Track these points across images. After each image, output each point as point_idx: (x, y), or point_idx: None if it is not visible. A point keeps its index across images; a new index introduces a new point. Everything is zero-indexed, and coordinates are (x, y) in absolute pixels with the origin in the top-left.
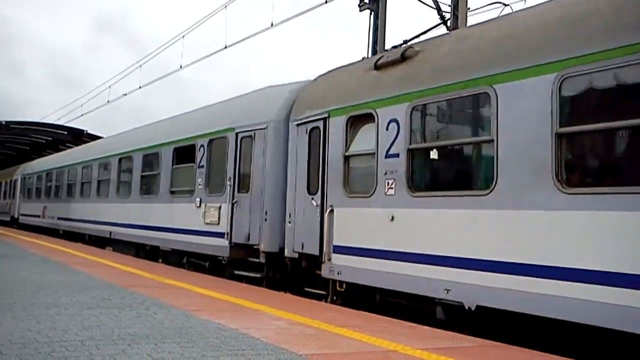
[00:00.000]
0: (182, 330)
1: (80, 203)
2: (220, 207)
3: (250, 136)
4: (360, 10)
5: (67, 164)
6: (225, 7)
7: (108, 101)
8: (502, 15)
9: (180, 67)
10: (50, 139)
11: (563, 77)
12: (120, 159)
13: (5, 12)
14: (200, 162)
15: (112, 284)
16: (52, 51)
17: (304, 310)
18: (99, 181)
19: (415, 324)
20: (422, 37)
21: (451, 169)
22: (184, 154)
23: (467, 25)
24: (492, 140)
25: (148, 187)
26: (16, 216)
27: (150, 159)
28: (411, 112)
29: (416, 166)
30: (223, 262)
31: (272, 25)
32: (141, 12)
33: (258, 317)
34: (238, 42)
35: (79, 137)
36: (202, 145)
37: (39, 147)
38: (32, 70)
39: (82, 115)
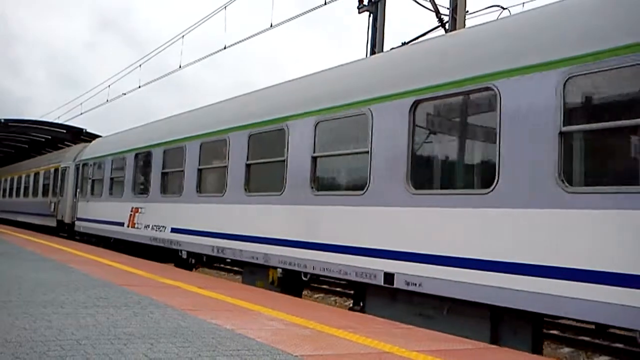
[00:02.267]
0: (178, 329)
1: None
2: None
3: None
4: (359, 12)
5: (178, 137)
6: (225, 7)
7: (107, 100)
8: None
9: (180, 67)
10: (49, 137)
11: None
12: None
13: (6, 11)
14: None
15: (109, 283)
16: (52, 49)
17: (300, 310)
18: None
19: (410, 326)
20: (421, 40)
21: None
22: None
23: (465, 27)
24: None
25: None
26: (69, 221)
27: None
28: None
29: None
30: None
31: (271, 26)
32: (141, 10)
33: (254, 317)
34: (238, 43)
35: (77, 135)
36: None
37: (37, 146)
38: (32, 69)
39: (81, 113)
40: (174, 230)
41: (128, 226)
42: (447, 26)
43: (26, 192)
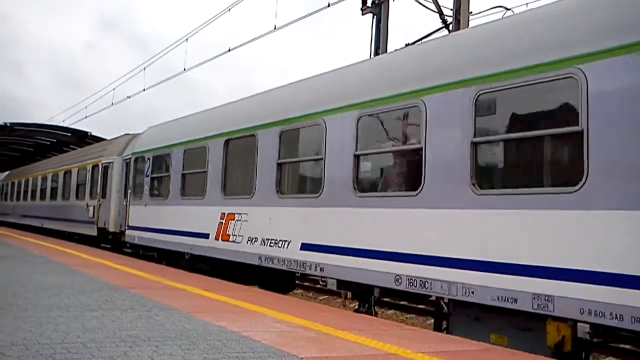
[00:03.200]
0: (184, 332)
1: None
2: None
3: None
4: (363, 14)
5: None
6: (229, 10)
7: (112, 103)
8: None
9: (184, 69)
10: (55, 140)
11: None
12: None
13: (9, 13)
14: None
15: (114, 286)
16: (56, 52)
17: (305, 312)
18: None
19: (415, 327)
20: (424, 41)
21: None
22: None
23: (470, 28)
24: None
25: None
26: (114, 229)
27: None
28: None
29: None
30: None
31: (275, 28)
32: (144, 11)
33: (259, 319)
34: (242, 45)
35: (82, 139)
36: None
37: (43, 149)
38: (36, 72)
39: (86, 117)
40: (307, 247)
41: (216, 238)
42: (450, 27)
43: (53, 194)
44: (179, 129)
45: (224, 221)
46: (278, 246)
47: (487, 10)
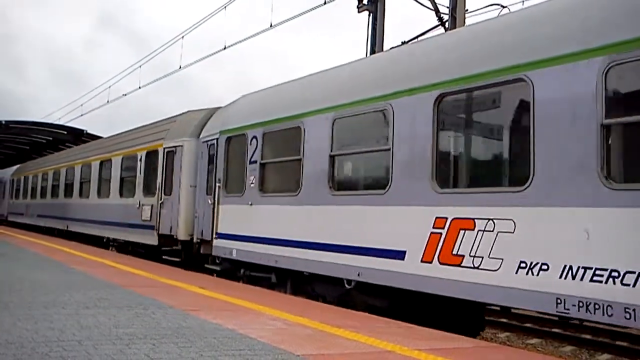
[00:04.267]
0: (180, 330)
1: None
2: None
3: None
4: (359, 12)
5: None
6: (225, 7)
7: (108, 101)
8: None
9: (180, 67)
10: (51, 138)
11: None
12: None
13: (7, 10)
14: None
15: (111, 284)
16: (53, 49)
17: (301, 310)
18: None
19: (412, 325)
20: (421, 39)
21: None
22: None
23: (465, 25)
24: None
25: None
26: (185, 237)
27: None
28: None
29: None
30: None
31: (271, 25)
32: (142, 8)
33: (256, 317)
34: (237, 43)
35: (78, 137)
36: None
37: (39, 147)
38: (33, 68)
39: (82, 115)
40: None
41: (425, 260)
42: (447, 25)
43: (84, 190)
44: (322, 87)
45: (444, 232)
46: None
47: (483, 7)
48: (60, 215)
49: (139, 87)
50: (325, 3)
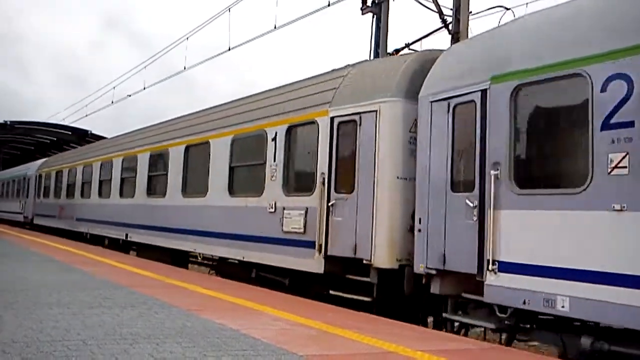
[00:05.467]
0: (184, 330)
1: None
2: None
3: None
4: (363, 14)
5: None
6: (229, 9)
7: (112, 102)
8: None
9: (185, 68)
10: (55, 139)
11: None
12: None
13: (14, 11)
14: None
15: (114, 283)
16: (58, 50)
17: (304, 311)
18: None
19: (414, 325)
20: (424, 41)
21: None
22: None
23: (468, 28)
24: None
25: None
26: (391, 263)
27: None
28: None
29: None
30: None
31: (275, 27)
32: (149, 11)
33: (259, 317)
34: (242, 44)
35: (83, 137)
36: None
37: (43, 147)
38: (39, 69)
39: (86, 115)
40: None
41: None
42: (450, 27)
43: (157, 186)
44: None
45: None
46: None
47: (487, 10)
48: (116, 219)
49: (144, 88)
50: (329, 5)
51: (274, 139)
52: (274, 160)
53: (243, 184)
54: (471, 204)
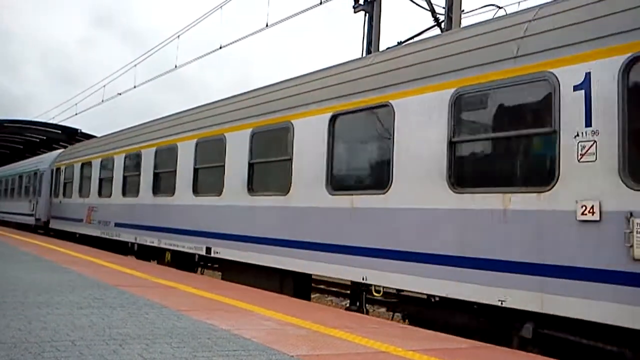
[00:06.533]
0: (174, 330)
1: None
2: None
3: None
4: (355, 12)
5: None
6: (221, 7)
7: (102, 100)
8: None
9: (175, 66)
10: (44, 137)
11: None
12: None
13: (2, 8)
14: None
15: (104, 284)
16: (48, 47)
17: (295, 310)
18: None
19: (406, 325)
20: (417, 39)
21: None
22: None
23: (461, 26)
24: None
25: None
26: None
27: None
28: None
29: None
30: None
31: (267, 25)
32: (138, 7)
33: (250, 317)
34: (233, 43)
35: (72, 136)
36: None
37: (32, 146)
38: (28, 67)
39: (76, 114)
40: None
41: None
42: (442, 25)
43: (279, 179)
44: None
45: None
46: None
47: (479, 8)
48: (188, 226)
49: (134, 87)
50: (321, 3)
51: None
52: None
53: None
54: None
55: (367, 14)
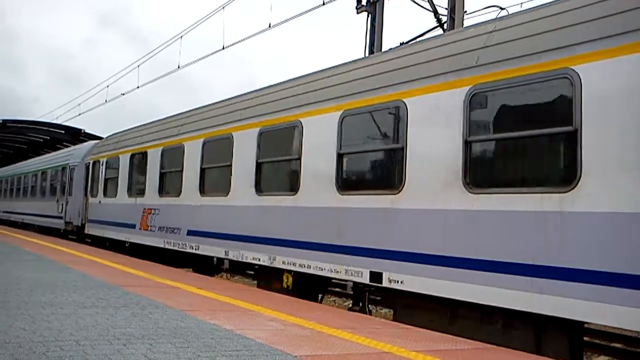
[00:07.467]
0: (178, 330)
1: None
2: None
3: None
4: (358, 13)
5: None
6: (224, 8)
7: (106, 100)
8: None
9: (179, 67)
10: (48, 137)
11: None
12: None
13: (8, 10)
14: None
15: (108, 284)
16: (52, 48)
17: (298, 311)
18: None
19: (409, 326)
20: (419, 40)
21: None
22: None
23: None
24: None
25: None
26: None
27: None
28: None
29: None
30: None
31: (270, 26)
32: (144, 9)
33: (253, 317)
34: (236, 43)
35: (76, 136)
36: None
37: (36, 146)
38: (33, 68)
39: (79, 114)
40: None
41: None
42: (445, 26)
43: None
44: None
45: None
46: None
47: (482, 9)
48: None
49: (138, 87)
50: (324, 4)
51: None
52: None
53: None
54: None
55: (370, 15)
